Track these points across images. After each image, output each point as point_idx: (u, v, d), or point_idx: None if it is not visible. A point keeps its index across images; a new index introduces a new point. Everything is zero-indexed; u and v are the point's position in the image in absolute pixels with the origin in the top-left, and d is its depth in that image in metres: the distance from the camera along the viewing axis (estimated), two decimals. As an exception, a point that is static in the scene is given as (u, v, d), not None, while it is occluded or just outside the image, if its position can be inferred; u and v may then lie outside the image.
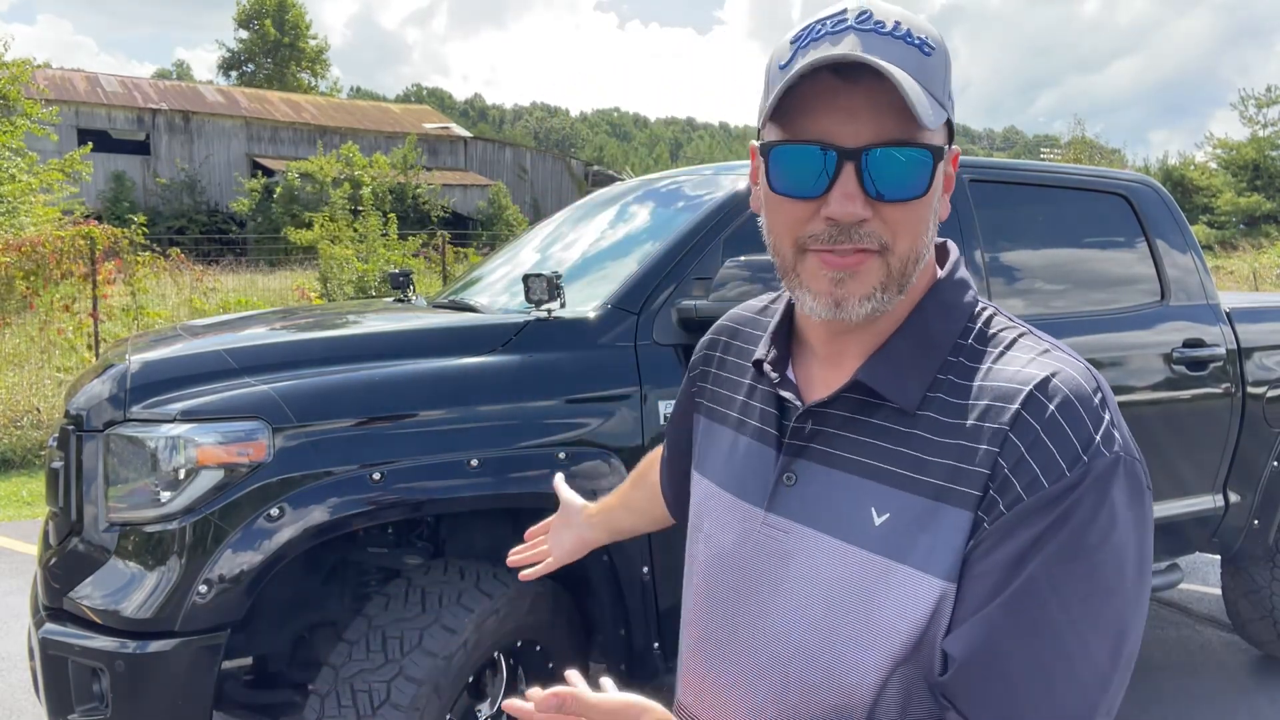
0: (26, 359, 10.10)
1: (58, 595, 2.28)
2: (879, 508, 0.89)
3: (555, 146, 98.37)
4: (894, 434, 0.91)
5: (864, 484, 0.91)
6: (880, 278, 0.90)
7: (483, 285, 3.55)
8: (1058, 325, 3.28)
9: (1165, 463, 3.41)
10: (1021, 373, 0.87)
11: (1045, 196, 3.59)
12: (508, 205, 33.00)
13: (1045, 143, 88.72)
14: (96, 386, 2.39)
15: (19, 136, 16.18)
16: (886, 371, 0.92)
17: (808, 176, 0.88)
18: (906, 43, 0.87)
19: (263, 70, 51.92)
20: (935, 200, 0.92)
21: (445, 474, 2.30)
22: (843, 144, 0.86)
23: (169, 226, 27.93)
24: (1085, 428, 0.82)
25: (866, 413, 0.93)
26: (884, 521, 0.88)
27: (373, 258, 14.49)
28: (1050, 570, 0.79)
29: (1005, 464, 0.83)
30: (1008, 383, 0.87)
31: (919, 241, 0.90)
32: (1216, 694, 3.77)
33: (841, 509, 0.91)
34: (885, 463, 0.90)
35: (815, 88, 0.87)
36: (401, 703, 2.17)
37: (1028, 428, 0.83)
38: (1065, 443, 0.82)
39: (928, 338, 0.93)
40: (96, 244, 10.11)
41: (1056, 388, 0.84)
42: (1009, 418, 0.84)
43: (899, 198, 0.88)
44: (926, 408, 0.90)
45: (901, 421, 0.91)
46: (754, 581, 0.97)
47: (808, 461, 0.96)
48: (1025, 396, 0.84)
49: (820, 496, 0.93)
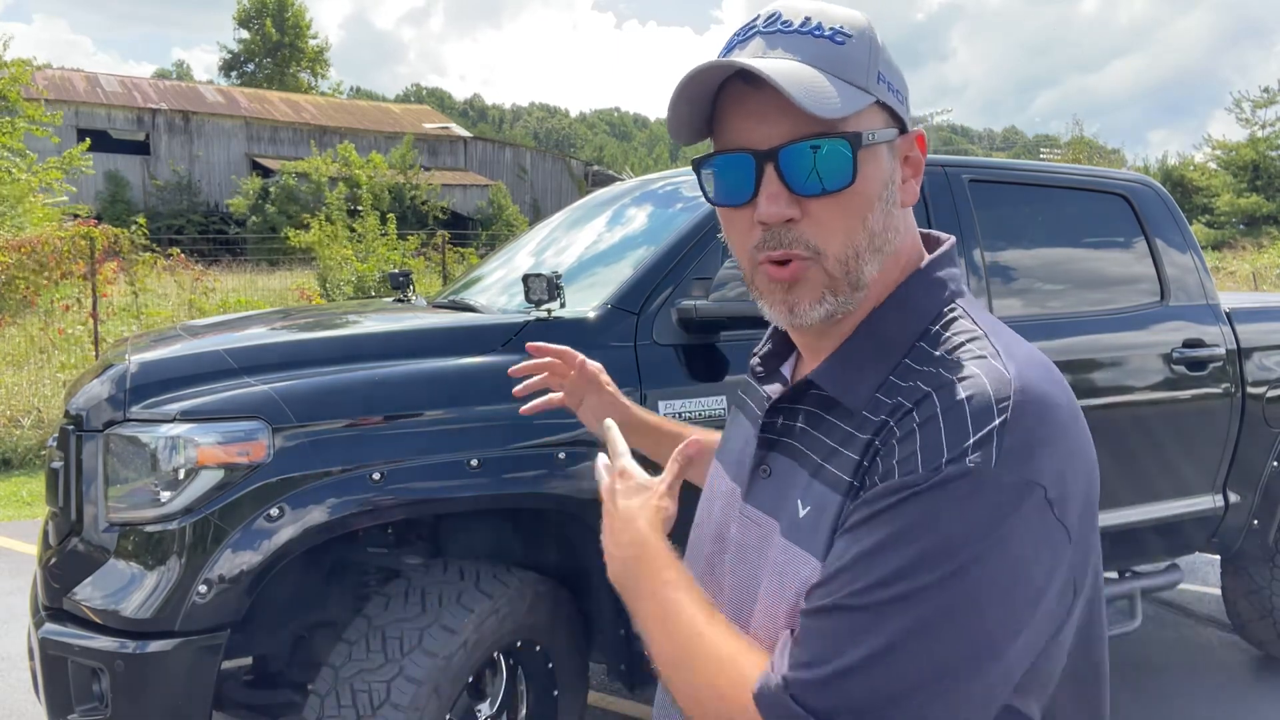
0: (26, 359, 10.11)
1: (58, 595, 2.28)
2: (803, 500, 0.91)
3: (555, 146, 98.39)
4: (832, 429, 0.92)
5: (801, 477, 0.93)
6: (823, 282, 0.91)
7: (482, 285, 3.55)
8: (1058, 325, 3.28)
9: (1165, 463, 3.41)
10: (939, 375, 0.85)
11: (1045, 196, 3.59)
12: (507, 205, 32.99)
13: (1045, 143, 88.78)
14: (96, 386, 2.39)
15: (19, 137, 16.18)
16: (838, 371, 0.93)
17: (735, 184, 0.91)
18: (814, 36, 0.88)
19: (263, 70, 51.89)
20: (877, 188, 0.90)
21: (445, 474, 2.30)
22: (758, 146, 0.88)
23: (168, 225, 27.93)
24: (963, 434, 0.79)
25: (824, 409, 0.94)
26: (805, 514, 0.90)
27: (372, 258, 14.49)
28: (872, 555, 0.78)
29: (878, 449, 0.84)
30: (924, 384, 0.85)
31: (854, 237, 0.90)
32: (1216, 694, 3.76)
33: (785, 500, 0.94)
34: (813, 453, 0.92)
35: (729, 97, 0.89)
36: (401, 703, 2.17)
37: (907, 422, 0.82)
38: (933, 443, 0.80)
39: (883, 339, 0.92)
40: (96, 244, 10.10)
41: (954, 392, 0.82)
42: (895, 411, 0.84)
43: (822, 191, 0.88)
44: (869, 407, 0.89)
45: (843, 418, 0.91)
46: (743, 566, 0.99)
47: (778, 454, 0.98)
48: (922, 396, 0.83)
49: (778, 488, 0.96)
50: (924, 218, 3.16)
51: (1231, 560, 3.81)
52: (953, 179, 3.25)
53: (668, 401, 2.55)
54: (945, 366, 0.86)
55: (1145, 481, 3.35)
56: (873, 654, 0.76)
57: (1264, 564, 3.74)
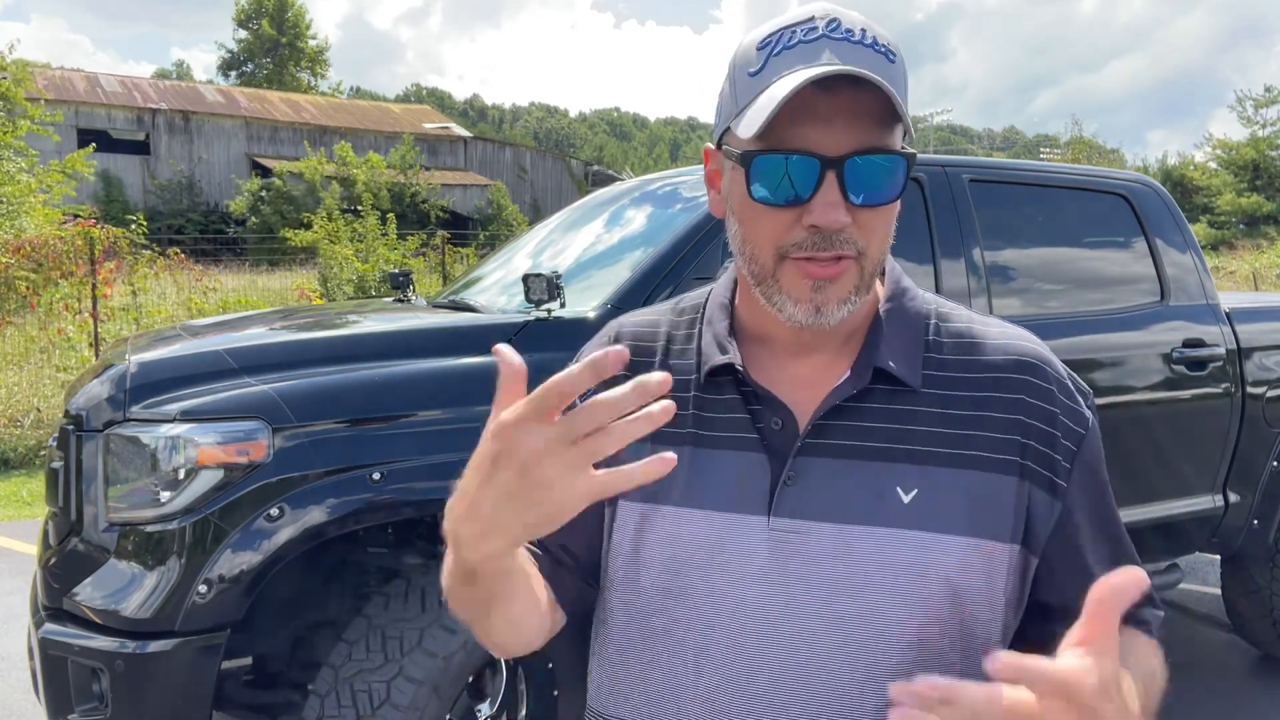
0: (26, 359, 10.11)
1: (57, 595, 2.28)
2: (904, 486, 0.92)
3: (555, 146, 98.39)
4: (899, 414, 0.95)
5: (881, 467, 0.93)
6: (855, 281, 0.93)
7: (482, 285, 3.55)
8: (1058, 325, 3.28)
9: (1165, 462, 3.41)
10: (1007, 343, 1.00)
11: (1045, 196, 3.58)
12: (507, 205, 33.00)
13: (1044, 143, 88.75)
14: (96, 386, 2.39)
15: (19, 136, 16.18)
16: (892, 354, 0.97)
17: (790, 185, 0.89)
18: (875, 51, 0.89)
19: (262, 70, 51.87)
20: (897, 203, 0.95)
21: (445, 474, 2.29)
22: (824, 153, 0.88)
23: (168, 225, 27.93)
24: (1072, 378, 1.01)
25: (873, 398, 0.96)
26: (913, 498, 0.92)
27: (372, 257, 14.48)
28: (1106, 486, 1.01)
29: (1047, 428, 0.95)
30: (998, 355, 0.99)
31: (887, 244, 0.96)
32: (1216, 694, 3.76)
33: (863, 496, 0.92)
34: (898, 443, 0.94)
35: (794, 97, 0.87)
36: (401, 703, 2.17)
37: (1044, 391, 0.97)
38: (1072, 398, 0.98)
39: (907, 321, 1.00)
40: (96, 244, 10.10)
41: (1039, 352, 0.99)
42: (1018, 386, 0.96)
43: (876, 203, 0.90)
44: (926, 385, 0.96)
45: (904, 401, 0.96)
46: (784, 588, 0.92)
47: (806, 458, 0.94)
48: (1024, 365, 0.98)
49: (833, 489, 0.93)
50: (924, 218, 3.16)
51: (1231, 560, 3.81)
52: (953, 179, 3.25)
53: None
54: (996, 336, 1.00)
55: (1145, 481, 3.36)
56: None
57: (1264, 564, 3.73)
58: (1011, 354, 0.98)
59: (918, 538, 0.91)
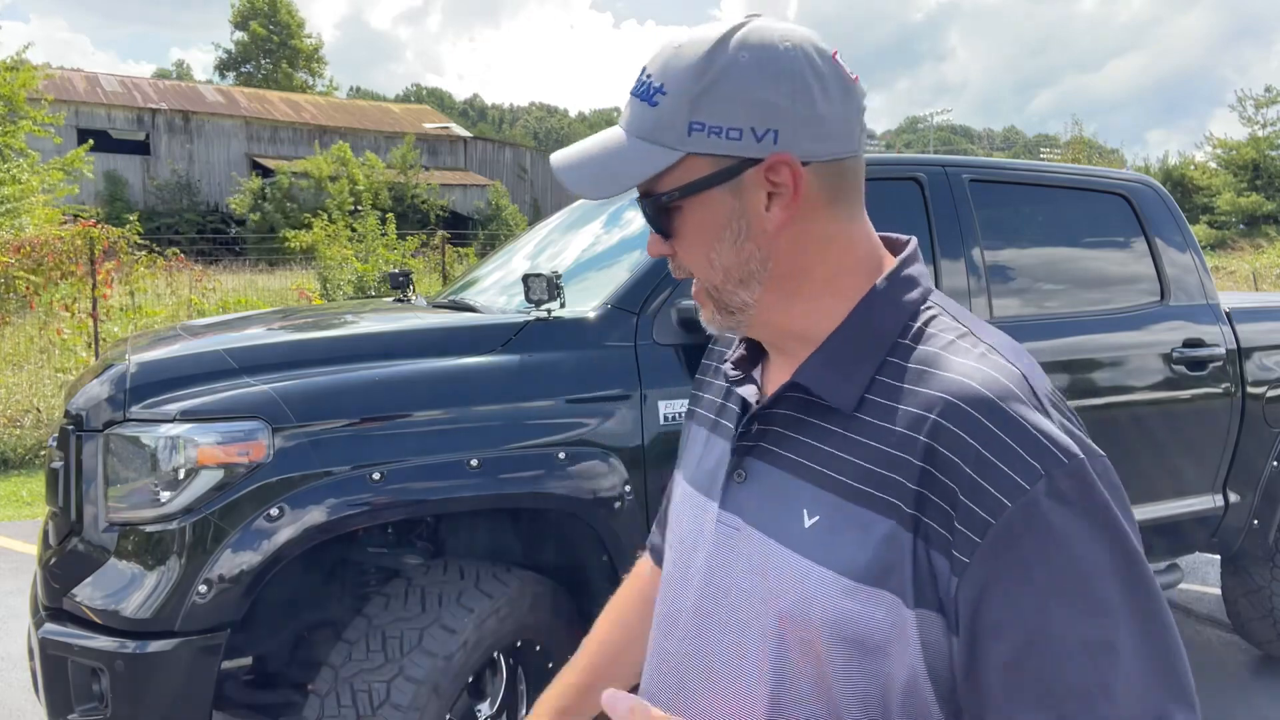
0: (26, 359, 10.11)
1: (57, 595, 2.28)
2: (810, 510, 0.89)
3: (555, 146, 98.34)
4: (831, 435, 0.90)
5: (799, 485, 0.91)
6: (713, 302, 0.98)
7: (482, 285, 3.55)
8: (1058, 325, 3.28)
9: (1165, 462, 3.41)
10: (950, 379, 0.84)
11: (1045, 196, 3.59)
12: (507, 205, 33.00)
13: (1045, 143, 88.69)
14: (96, 386, 2.39)
15: (20, 137, 16.18)
16: (823, 371, 0.92)
17: None
18: (640, 100, 0.94)
19: (260, 71, 51.82)
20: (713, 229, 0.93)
21: (445, 474, 2.30)
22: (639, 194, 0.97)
23: (167, 225, 27.93)
24: (1031, 437, 0.79)
25: (808, 412, 0.93)
26: (813, 524, 0.88)
27: (372, 257, 14.49)
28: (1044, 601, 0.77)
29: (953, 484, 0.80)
30: (936, 390, 0.84)
31: (707, 271, 0.96)
32: (1216, 694, 3.76)
33: (777, 508, 0.92)
34: (820, 465, 0.90)
35: None
36: (401, 703, 2.17)
37: (962, 444, 0.80)
38: (1013, 456, 0.79)
39: (865, 336, 0.92)
40: (96, 244, 10.10)
41: (985, 398, 0.81)
42: (932, 431, 0.82)
43: (661, 234, 0.97)
44: (863, 409, 0.89)
45: (839, 423, 0.90)
46: (716, 577, 0.98)
47: (755, 459, 0.97)
48: (949, 408, 0.82)
49: (762, 495, 0.95)
50: (924, 218, 3.16)
51: (1231, 560, 3.81)
52: (953, 179, 3.25)
53: (668, 401, 2.55)
54: (954, 368, 0.85)
55: (1145, 481, 3.35)
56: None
57: (1264, 564, 3.73)
58: (947, 394, 0.83)
59: (803, 566, 0.88)
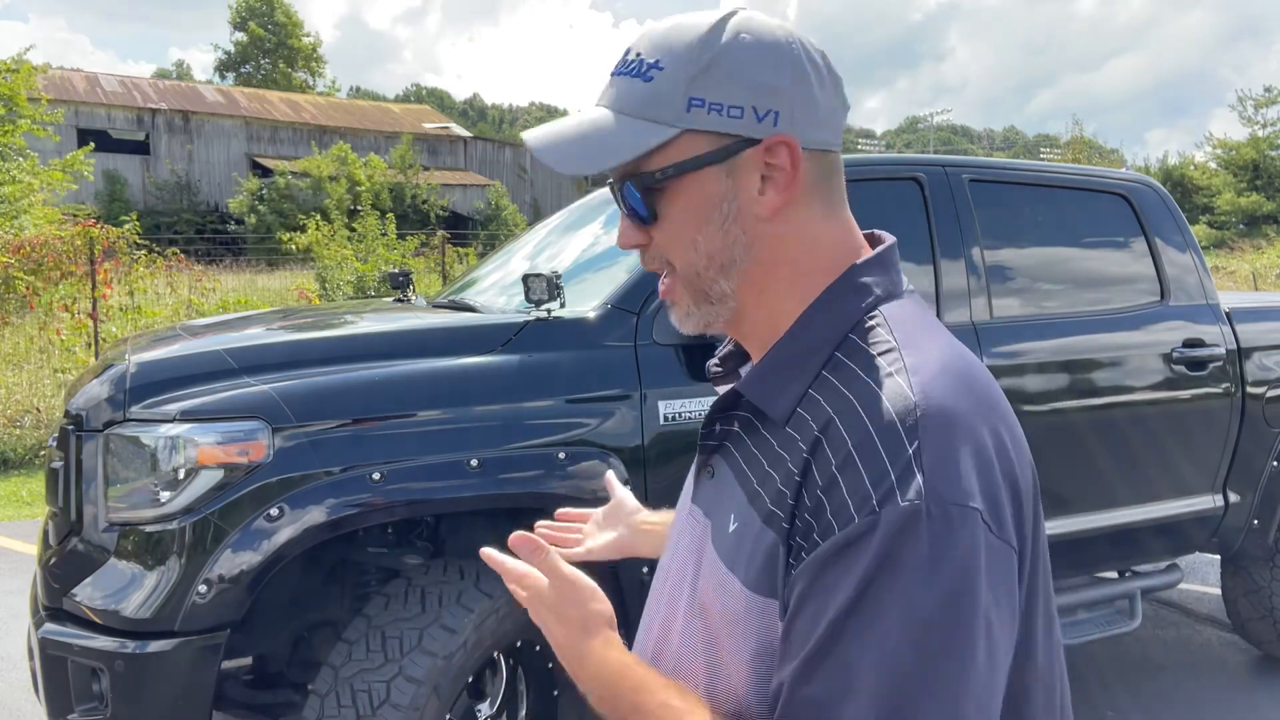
0: (26, 359, 10.11)
1: (57, 595, 2.28)
2: (734, 515, 0.92)
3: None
4: (764, 445, 0.90)
5: (734, 489, 0.93)
6: (689, 295, 0.96)
7: (482, 285, 3.55)
8: (1057, 325, 3.28)
9: (1165, 462, 3.41)
10: (844, 398, 0.83)
11: (1045, 196, 3.59)
12: (507, 205, 32.99)
13: (1045, 143, 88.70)
14: (96, 386, 2.39)
15: (18, 135, 16.17)
16: (762, 381, 0.92)
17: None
18: (630, 76, 0.92)
19: (260, 71, 51.77)
20: (701, 211, 0.91)
21: (445, 474, 2.30)
22: (613, 179, 0.95)
23: (166, 225, 27.92)
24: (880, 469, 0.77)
25: (756, 417, 0.94)
26: (734, 530, 0.91)
27: (372, 258, 14.49)
28: (839, 616, 0.76)
29: (809, 494, 0.81)
30: (830, 408, 0.83)
31: (688, 257, 0.93)
32: (1216, 694, 3.76)
33: (719, 508, 0.95)
34: (750, 472, 0.91)
35: None
36: (401, 703, 2.17)
37: (825, 459, 0.81)
38: (872, 473, 0.77)
39: (806, 345, 0.90)
40: (96, 244, 10.10)
41: (859, 419, 0.80)
42: (812, 444, 0.82)
43: (643, 222, 0.94)
44: (790, 423, 0.87)
45: (773, 433, 0.90)
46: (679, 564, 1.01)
47: (721, 458, 0.99)
48: (828, 423, 0.82)
49: (717, 493, 0.97)
50: (924, 218, 3.16)
51: (1231, 560, 3.81)
52: (953, 179, 3.25)
53: (667, 401, 2.55)
54: (855, 386, 0.84)
55: (1145, 481, 3.36)
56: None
57: (1264, 564, 3.73)
58: (835, 411, 0.82)
59: (720, 570, 0.90)
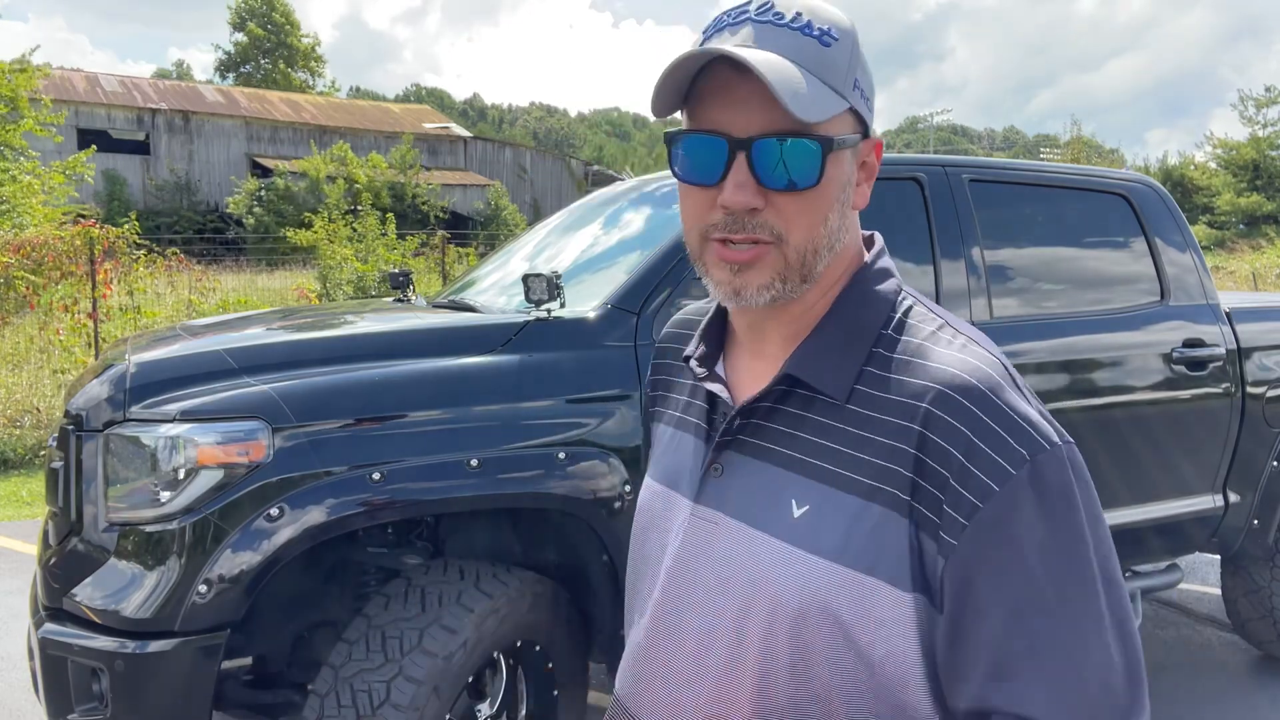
0: (26, 359, 10.11)
1: (57, 595, 2.28)
2: (799, 500, 0.90)
3: (555, 146, 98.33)
4: (819, 426, 0.92)
5: (785, 476, 0.92)
6: (778, 268, 0.91)
7: (482, 285, 3.55)
8: (1058, 325, 3.28)
9: (1165, 462, 3.41)
10: (938, 369, 0.88)
11: (1045, 196, 3.59)
12: (507, 205, 32.98)
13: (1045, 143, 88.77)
14: (96, 386, 2.39)
15: (19, 136, 16.17)
16: (814, 362, 0.93)
17: (704, 165, 0.91)
18: (804, 34, 0.88)
19: (260, 71, 51.74)
20: (837, 190, 0.92)
21: (445, 474, 2.30)
22: (734, 134, 0.89)
23: (165, 224, 27.91)
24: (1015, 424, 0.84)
25: (793, 404, 0.94)
26: (803, 514, 0.90)
27: (372, 258, 14.49)
28: (1037, 565, 0.82)
29: (944, 471, 0.84)
30: (924, 380, 0.87)
31: (815, 233, 0.91)
32: (1216, 694, 3.77)
33: (762, 499, 0.93)
34: (808, 455, 0.91)
35: (713, 79, 0.89)
36: (401, 703, 2.17)
37: (954, 431, 0.84)
38: (1000, 443, 0.83)
39: (853, 326, 0.94)
40: (96, 244, 10.09)
41: (973, 386, 0.85)
42: (924, 419, 0.85)
43: (787, 188, 0.89)
44: (852, 399, 0.91)
45: (828, 414, 0.92)
46: (684, 569, 0.98)
47: (734, 453, 0.97)
48: (940, 396, 0.86)
49: (744, 487, 0.95)
50: (924, 218, 3.16)
51: (1231, 560, 3.81)
52: (953, 179, 3.25)
53: (668, 401, 2.54)
54: (939, 358, 0.88)
55: (1145, 481, 3.35)
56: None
57: (1264, 564, 3.74)
58: (938, 383, 0.86)
59: (793, 554, 0.89)
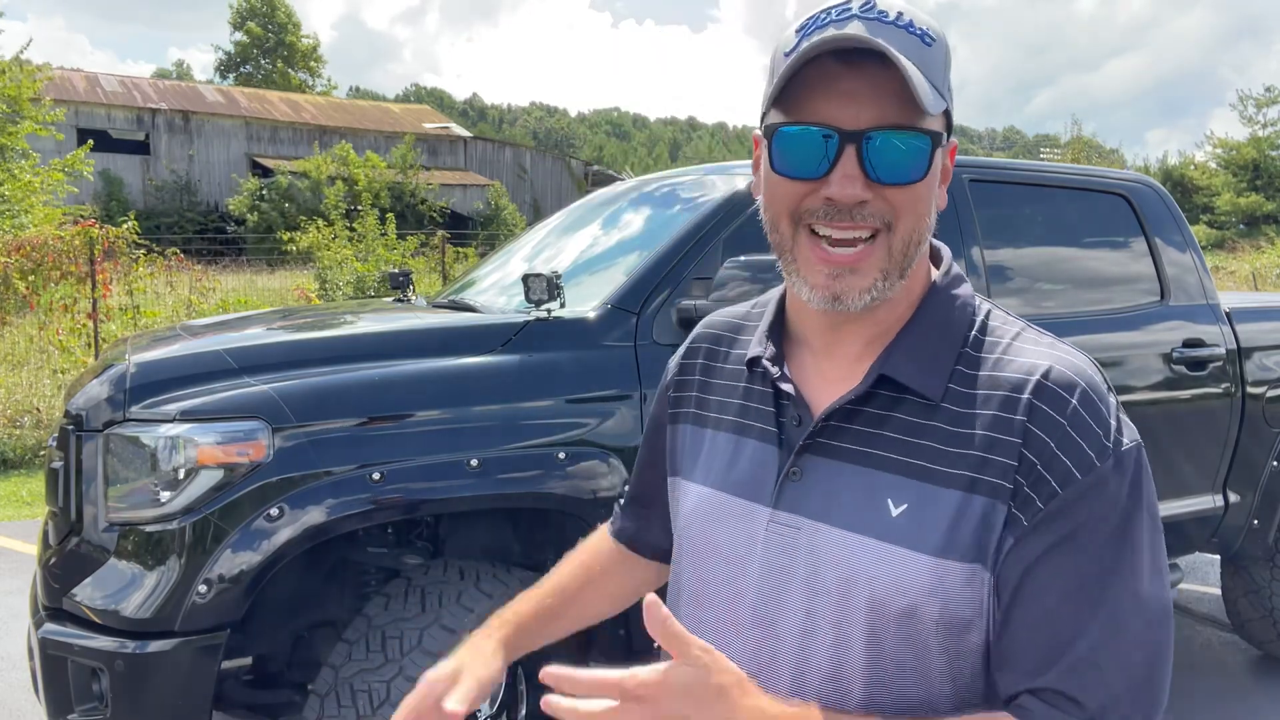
0: (26, 359, 10.10)
1: (57, 595, 2.28)
2: (895, 499, 0.90)
3: (555, 146, 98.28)
4: (908, 425, 0.92)
5: (877, 476, 0.92)
6: (882, 265, 0.91)
7: (482, 285, 3.55)
8: (1058, 325, 3.28)
9: (1165, 462, 3.41)
10: (1035, 365, 0.90)
11: (1045, 196, 3.58)
12: (507, 205, 32.98)
13: (1045, 143, 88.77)
14: (96, 386, 2.39)
15: (20, 137, 16.17)
16: (908, 363, 0.94)
17: (809, 158, 0.90)
18: (908, 32, 0.89)
19: (260, 71, 51.72)
20: (934, 187, 0.93)
21: (445, 474, 2.30)
22: (844, 126, 0.88)
23: (165, 224, 27.90)
24: (1105, 419, 0.88)
25: (876, 405, 0.94)
26: (901, 512, 0.90)
27: (371, 258, 14.49)
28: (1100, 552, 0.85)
29: (1034, 458, 0.87)
30: (1023, 374, 0.90)
31: (921, 223, 0.92)
32: (1216, 694, 3.76)
33: (853, 501, 0.92)
34: (900, 454, 0.91)
35: (818, 72, 0.88)
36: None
37: (1051, 421, 0.87)
38: (1090, 434, 0.87)
39: (944, 329, 0.96)
40: (96, 244, 10.09)
41: (1072, 380, 0.89)
42: (1027, 409, 0.88)
43: (898, 181, 0.89)
44: (946, 399, 0.92)
45: (918, 413, 0.92)
46: (773, 580, 0.96)
47: (815, 456, 0.96)
48: (1040, 388, 0.88)
49: (828, 490, 0.94)
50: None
51: (1231, 560, 3.81)
52: (953, 179, 3.24)
53: (668, 401, 2.54)
54: (1032, 355, 0.92)
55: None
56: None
57: (1264, 564, 3.73)
58: (1035, 375, 0.89)
59: (894, 553, 0.89)
